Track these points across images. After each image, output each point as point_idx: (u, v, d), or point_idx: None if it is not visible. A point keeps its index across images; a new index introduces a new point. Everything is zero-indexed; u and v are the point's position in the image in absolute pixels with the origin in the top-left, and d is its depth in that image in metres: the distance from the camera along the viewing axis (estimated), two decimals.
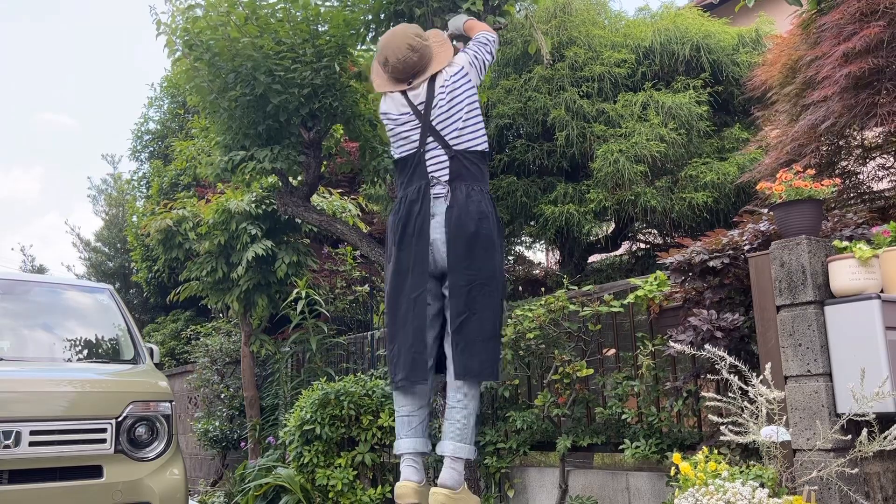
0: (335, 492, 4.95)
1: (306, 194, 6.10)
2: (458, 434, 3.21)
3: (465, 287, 3.20)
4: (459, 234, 3.23)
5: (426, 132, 3.37)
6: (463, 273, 3.21)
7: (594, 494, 4.09)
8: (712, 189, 5.56)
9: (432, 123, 3.36)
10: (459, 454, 3.19)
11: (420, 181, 3.34)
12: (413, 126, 3.41)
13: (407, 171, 3.42)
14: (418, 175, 3.36)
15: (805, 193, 2.90)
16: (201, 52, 5.16)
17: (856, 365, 2.65)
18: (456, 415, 3.23)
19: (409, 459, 3.27)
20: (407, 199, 3.36)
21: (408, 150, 3.43)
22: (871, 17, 3.42)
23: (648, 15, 6.89)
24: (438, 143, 3.35)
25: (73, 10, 55.29)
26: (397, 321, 3.31)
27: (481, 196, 3.32)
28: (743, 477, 2.67)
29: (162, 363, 9.99)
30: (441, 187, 3.32)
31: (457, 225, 3.24)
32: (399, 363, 3.27)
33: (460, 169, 3.32)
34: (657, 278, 3.86)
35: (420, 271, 3.25)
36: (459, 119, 3.36)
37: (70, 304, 4.94)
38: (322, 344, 6.49)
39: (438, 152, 3.35)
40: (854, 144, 4.19)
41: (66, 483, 3.71)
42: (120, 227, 13.15)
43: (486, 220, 3.27)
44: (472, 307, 3.20)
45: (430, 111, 3.38)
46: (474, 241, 3.23)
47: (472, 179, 3.33)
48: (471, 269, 3.22)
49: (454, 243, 3.22)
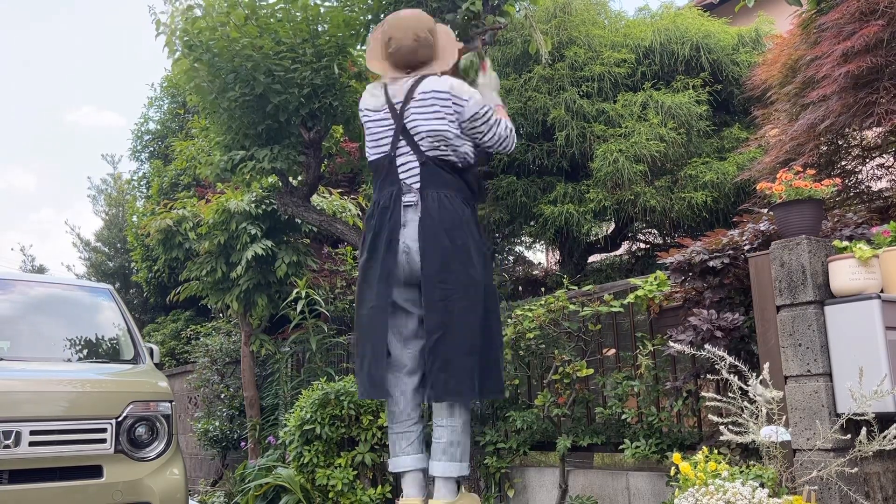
0: (335, 492, 4.95)
1: (306, 194, 6.10)
2: (446, 454, 3.08)
3: (440, 302, 3.01)
4: (432, 247, 3.05)
5: (398, 135, 3.18)
6: (437, 287, 3.02)
7: (594, 494, 4.09)
8: (712, 189, 5.56)
9: (406, 125, 3.16)
10: (449, 474, 3.07)
11: (392, 187, 3.16)
12: (387, 126, 3.20)
13: (379, 175, 3.25)
14: (390, 180, 3.18)
15: (805, 193, 2.90)
16: (201, 53, 5.17)
17: (856, 365, 2.65)
18: (441, 433, 3.09)
19: (411, 477, 3.17)
20: (379, 205, 3.18)
21: (379, 152, 3.24)
22: (870, 16, 3.42)
23: (648, 15, 6.90)
24: (410, 146, 3.15)
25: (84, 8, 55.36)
26: (361, 332, 3.19)
27: (455, 204, 3.11)
28: (743, 477, 2.67)
29: (162, 363, 9.98)
30: (412, 195, 3.12)
31: (429, 236, 3.06)
32: (361, 375, 3.17)
33: (432, 176, 3.12)
34: (657, 278, 3.86)
35: (386, 282, 3.10)
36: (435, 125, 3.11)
37: (70, 304, 4.94)
38: (322, 344, 6.49)
39: (410, 157, 3.16)
40: (853, 144, 4.19)
41: (66, 483, 3.71)
42: (120, 227, 13.16)
43: (459, 230, 3.07)
44: (447, 323, 3.00)
45: (404, 112, 3.15)
46: (449, 253, 3.03)
47: (446, 186, 3.12)
48: (446, 282, 3.02)
49: (427, 256, 3.05)
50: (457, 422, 3.09)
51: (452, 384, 2.99)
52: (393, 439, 3.21)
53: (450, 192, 3.12)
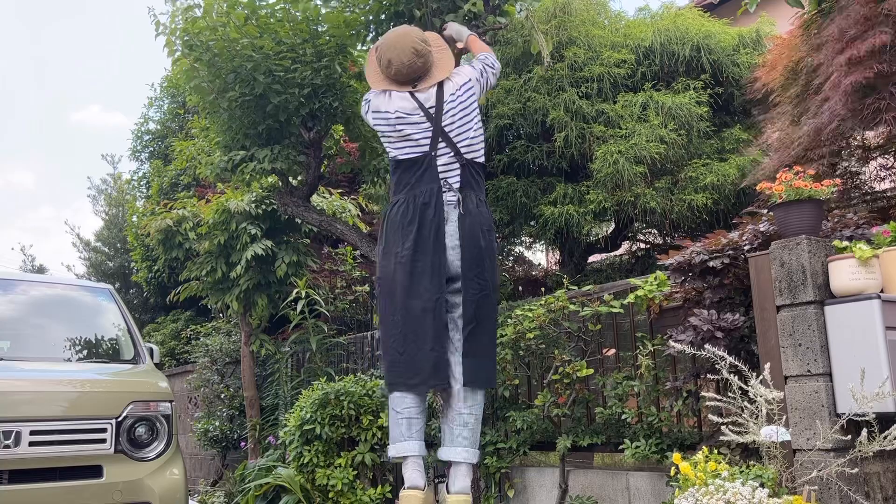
0: (335, 492, 4.95)
1: (306, 194, 6.10)
2: (470, 440, 3.23)
3: (476, 296, 3.27)
4: (472, 244, 3.29)
5: (437, 136, 3.36)
6: (474, 282, 3.28)
7: (594, 494, 4.09)
8: (712, 190, 5.55)
9: (444, 129, 3.37)
10: (473, 459, 3.24)
11: (431, 184, 3.33)
12: (424, 128, 3.38)
13: (414, 173, 3.38)
14: (428, 178, 3.34)
15: (805, 193, 2.90)
16: (201, 53, 5.17)
17: (856, 365, 2.65)
18: (468, 420, 3.24)
19: (414, 463, 3.22)
20: (417, 200, 3.32)
21: (415, 151, 3.39)
22: (873, 20, 3.41)
23: (648, 15, 6.89)
24: (451, 149, 3.36)
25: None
26: (410, 322, 3.25)
27: (485, 207, 3.42)
28: (743, 477, 2.67)
29: (162, 363, 9.97)
30: (452, 194, 3.34)
31: (470, 234, 3.29)
32: (414, 365, 3.22)
33: (469, 178, 3.38)
34: (657, 278, 3.86)
35: (439, 275, 3.26)
36: (472, 129, 3.41)
37: (70, 304, 4.94)
38: (322, 344, 6.49)
39: (450, 159, 3.37)
40: (855, 145, 4.19)
41: (66, 483, 3.71)
42: (120, 227, 13.14)
43: (491, 232, 3.38)
44: (479, 317, 3.27)
45: (441, 116, 3.38)
46: (484, 251, 3.31)
47: (479, 189, 3.41)
48: (481, 278, 3.29)
49: (467, 252, 3.28)
50: (479, 410, 3.29)
51: (482, 372, 3.25)
52: (399, 424, 3.27)
53: (482, 196, 3.42)
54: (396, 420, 3.28)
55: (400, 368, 3.26)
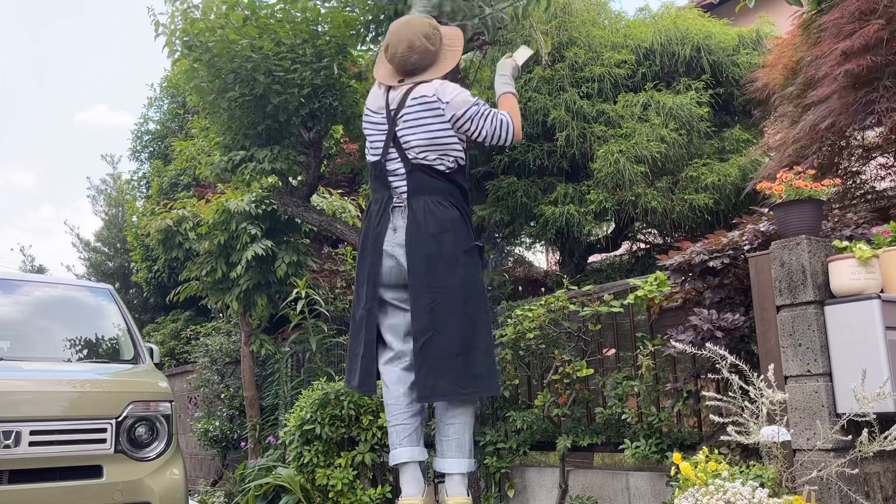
0: (335, 492, 4.95)
1: (306, 194, 6.10)
2: (455, 451, 3.14)
3: (427, 305, 3.07)
4: (418, 253, 3.11)
5: (389, 141, 3.23)
6: (423, 292, 3.08)
7: (594, 494, 4.09)
8: (713, 190, 5.56)
9: (397, 133, 3.20)
10: (462, 470, 3.13)
11: (383, 192, 3.25)
12: (382, 130, 3.26)
13: (372, 178, 3.34)
14: (381, 185, 3.27)
15: (805, 193, 2.90)
16: (200, 53, 5.17)
17: (856, 365, 2.65)
18: (449, 432, 3.15)
19: (409, 470, 3.17)
20: (370, 208, 3.31)
21: (372, 156, 3.31)
22: (870, 15, 3.42)
23: (648, 15, 6.89)
24: (399, 154, 3.20)
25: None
26: (353, 329, 3.35)
27: (442, 208, 3.14)
28: (743, 477, 2.67)
29: (162, 363, 9.98)
30: (400, 201, 3.19)
31: (415, 242, 3.11)
32: (353, 370, 3.30)
33: (419, 183, 3.16)
34: (657, 278, 3.86)
35: (373, 284, 3.20)
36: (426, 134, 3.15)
37: (70, 304, 4.94)
38: (322, 344, 6.49)
39: (398, 164, 3.21)
40: (855, 144, 4.19)
41: (66, 483, 3.71)
42: (120, 227, 13.14)
43: (447, 234, 3.11)
44: (435, 325, 3.05)
45: (397, 119, 3.20)
46: (434, 257, 3.08)
47: (434, 192, 3.15)
48: (432, 287, 3.07)
49: (413, 262, 3.11)
50: (461, 419, 3.17)
51: (440, 385, 3.06)
52: (390, 432, 3.25)
53: (437, 198, 3.16)
54: (389, 427, 3.27)
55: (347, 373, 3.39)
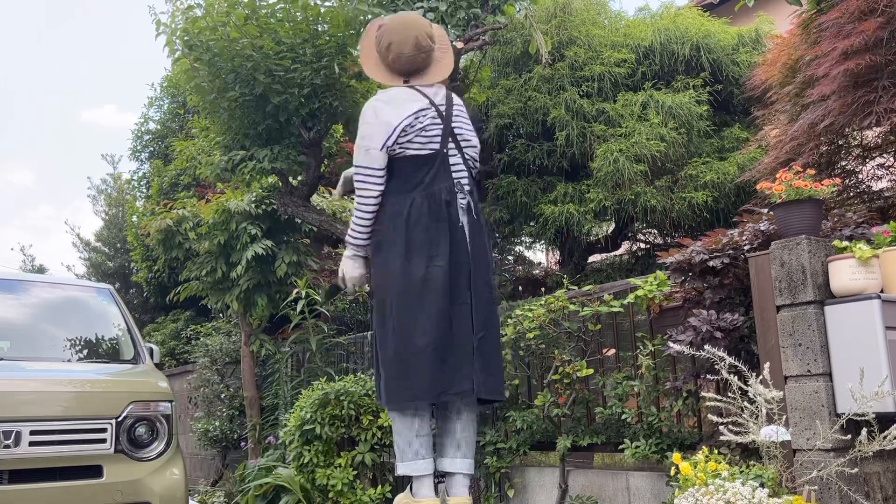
0: (335, 492, 4.95)
1: (306, 194, 6.10)
2: (469, 451, 3.17)
3: (486, 304, 3.10)
4: (481, 250, 3.16)
5: (447, 136, 3.18)
6: (484, 290, 3.11)
7: (594, 494, 4.09)
8: (712, 189, 5.56)
9: (454, 130, 3.21)
10: (468, 470, 3.14)
11: (446, 182, 3.12)
12: (437, 124, 3.15)
13: (428, 170, 3.11)
14: (442, 176, 3.12)
15: (805, 193, 2.90)
16: (201, 53, 5.17)
17: (856, 365, 2.65)
18: (470, 431, 3.17)
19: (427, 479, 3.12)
20: (437, 197, 3.08)
21: (427, 148, 3.13)
22: (870, 15, 3.42)
23: (648, 15, 6.89)
24: (458, 151, 3.21)
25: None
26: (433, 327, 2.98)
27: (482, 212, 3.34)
28: (743, 477, 2.67)
29: (162, 363, 9.96)
30: (462, 196, 3.16)
31: (478, 240, 3.15)
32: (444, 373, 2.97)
33: (474, 184, 3.26)
34: (657, 278, 3.86)
35: (465, 278, 3.06)
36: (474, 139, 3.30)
37: (70, 304, 4.94)
38: (322, 344, 6.48)
39: (458, 160, 3.21)
40: (853, 144, 4.19)
41: (66, 483, 3.71)
42: (120, 227, 13.14)
43: (489, 238, 3.42)
44: (488, 325, 3.09)
45: (451, 117, 3.22)
46: (489, 258, 3.25)
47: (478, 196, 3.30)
48: (489, 285, 3.17)
49: (478, 259, 3.11)
50: (475, 417, 3.21)
51: (492, 382, 3.08)
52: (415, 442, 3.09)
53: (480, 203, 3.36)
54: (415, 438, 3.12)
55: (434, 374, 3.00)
